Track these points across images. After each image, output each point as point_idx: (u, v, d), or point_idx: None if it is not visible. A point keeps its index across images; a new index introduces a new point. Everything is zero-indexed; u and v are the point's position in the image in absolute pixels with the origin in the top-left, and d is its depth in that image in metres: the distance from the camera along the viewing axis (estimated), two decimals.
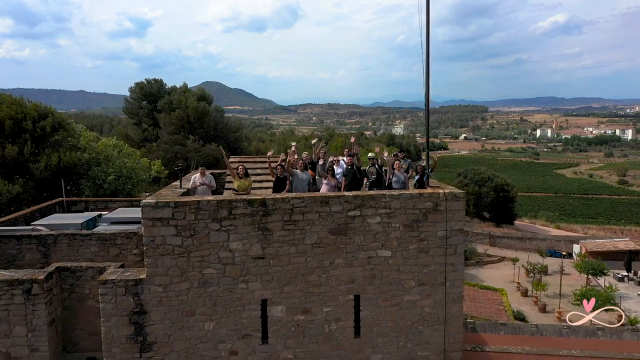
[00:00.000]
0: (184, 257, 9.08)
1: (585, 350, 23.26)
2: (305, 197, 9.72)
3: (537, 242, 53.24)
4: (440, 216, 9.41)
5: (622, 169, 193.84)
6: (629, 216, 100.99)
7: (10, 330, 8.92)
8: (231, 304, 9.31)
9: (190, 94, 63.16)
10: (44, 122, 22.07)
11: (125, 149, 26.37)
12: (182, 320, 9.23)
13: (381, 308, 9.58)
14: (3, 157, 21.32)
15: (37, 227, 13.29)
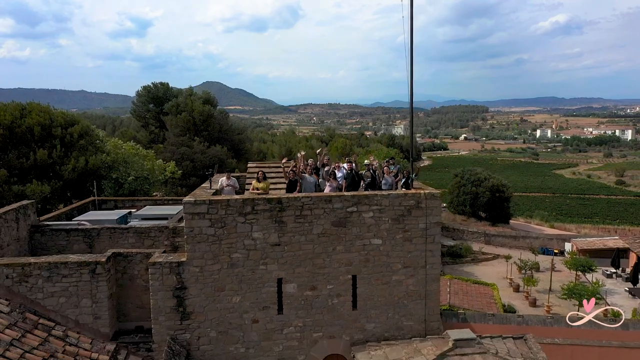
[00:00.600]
0: (216, 244, 11.39)
1: (567, 339, 25.48)
2: (313, 196, 12.01)
3: (530, 240, 55.44)
4: (421, 212, 11.73)
5: (620, 170, 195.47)
6: (624, 216, 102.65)
7: (78, 302, 11.20)
8: (253, 282, 11.65)
9: (196, 97, 65.42)
10: (71, 128, 24.37)
11: (140, 151, 28.70)
12: (214, 294, 11.55)
13: (373, 286, 11.92)
14: (34, 161, 23.61)
15: (82, 222, 15.53)
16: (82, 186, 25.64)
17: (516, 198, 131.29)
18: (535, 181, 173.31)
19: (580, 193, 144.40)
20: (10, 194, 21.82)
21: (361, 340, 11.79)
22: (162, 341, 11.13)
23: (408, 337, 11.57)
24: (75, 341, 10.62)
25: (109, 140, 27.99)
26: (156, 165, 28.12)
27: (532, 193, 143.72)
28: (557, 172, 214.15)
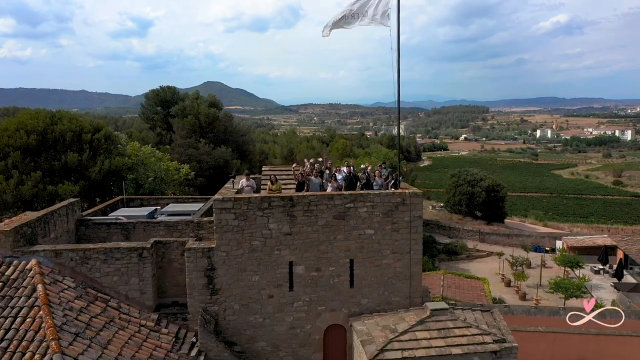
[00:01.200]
0: (239, 233, 13.93)
1: (549, 327, 28.07)
2: (318, 195, 14.58)
3: (523, 238, 57.92)
4: (406, 207, 14.26)
5: (617, 170, 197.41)
6: (619, 215, 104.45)
7: (128, 280, 13.74)
8: (269, 264, 14.19)
9: (202, 100, 68.00)
10: (98, 134, 26.94)
11: (158, 154, 31.26)
12: (237, 274, 14.10)
13: (367, 268, 14.47)
14: (65, 163, 26.20)
15: (119, 217, 18.07)
16: (106, 186, 28.20)
17: (513, 198, 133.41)
18: (534, 181, 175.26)
19: (577, 193, 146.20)
20: (45, 193, 24.39)
21: (357, 312, 14.37)
22: (196, 312, 13.71)
23: (395, 310, 14.17)
24: (127, 311, 13.16)
25: (129, 143, 30.55)
26: (171, 166, 30.73)
27: (529, 193, 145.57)
28: (556, 173, 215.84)
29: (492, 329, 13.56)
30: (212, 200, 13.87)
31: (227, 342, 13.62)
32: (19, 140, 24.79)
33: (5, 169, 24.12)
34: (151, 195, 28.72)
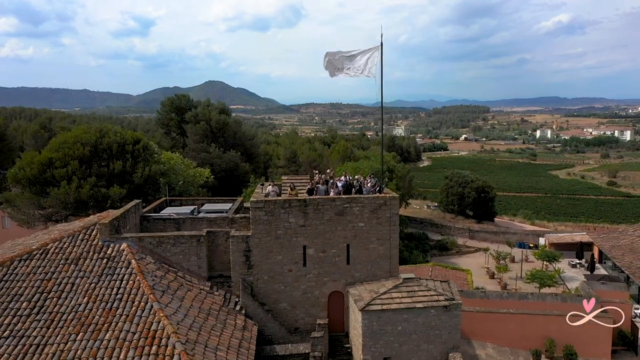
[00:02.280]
0: (268, 225, 19.38)
1: (519, 309, 33.39)
2: (323, 198, 20.01)
3: (509, 235, 63.20)
4: (387, 207, 19.67)
5: (612, 171, 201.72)
6: (609, 215, 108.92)
7: (189, 258, 19.23)
8: (289, 247, 19.62)
9: (213, 107, 73.49)
10: (138, 145, 32.42)
11: (186, 161, 36.67)
12: (266, 254, 19.57)
13: (359, 250, 19.89)
14: (112, 170, 31.72)
15: (170, 214, 23.52)
16: (145, 189, 33.67)
17: (508, 198, 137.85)
18: (530, 182, 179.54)
19: (571, 193, 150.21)
20: (99, 195, 29.89)
21: (351, 282, 19.81)
22: (237, 281, 19.14)
23: (379, 280, 19.61)
24: (189, 279, 18.61)
25: (162, 152, 35.96)
26: (196, 172, 36.18)
27: (524, 193, 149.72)
28: (553, 173, 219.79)
29: (446, 292, 18.91)
30: (239, 201, 19.38)
31: (259, 302, 19.08)
32: (76, 151, 30.25)
33: (66, 175, 29.58)
34: (180, 196, 34.17)
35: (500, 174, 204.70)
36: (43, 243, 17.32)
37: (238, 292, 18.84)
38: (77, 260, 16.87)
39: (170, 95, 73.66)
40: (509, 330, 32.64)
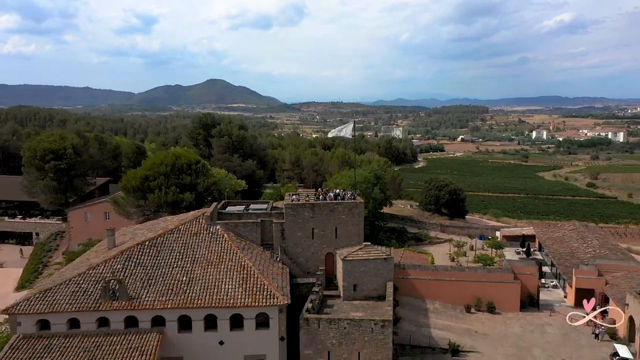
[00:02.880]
0: (293, 217, 34.81)
1: (459, 277, 49.44)
2: (322, 202, 36.01)
3: (473, 230, 79.24)
4: (357, 208, 35.39)
5: (594, 173, 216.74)
6: (576, 214, 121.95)
7: (251, 234, 35.21)
8: (304, 228, 35.00)
9: (234, 124, 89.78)
10: (199, 164, 48.66)
11: (230, 175, 52.94)
12: (292, 232, 35.10)
13: (342, 231, 35.52)
14: (184, 182, 48.10)
15: (234, 211, 39.74)
16: (204, 195, 49.94)
17: (490, 197, 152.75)
18: (515, 183, 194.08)
19: (550, 194, 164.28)
20: (178, 198, 46.15)
21: (338, 248, 36.00)
22: (277, 246, 35.01)
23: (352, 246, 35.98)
24: (252, 245, 34.85)
25: (212, 168, 52.23)
26: (236, 182, 52.42)
27: (507, 194, 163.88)
28: (540, 174, 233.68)
29: (387, 253, 35.11)
30: (271, 203, 35.80)
31: (289, 257, 35.21)
32: (161, 169, 46.55)
33: (157, 186, 45.92)
34: (229, 199, 50.42)
35: (490, 175, 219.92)
36: (177, 225, 33.51)
37: (277, 252, 34.98)
38: (197, 234, 33.06)
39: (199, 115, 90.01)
40: (450, 292, 49.03)
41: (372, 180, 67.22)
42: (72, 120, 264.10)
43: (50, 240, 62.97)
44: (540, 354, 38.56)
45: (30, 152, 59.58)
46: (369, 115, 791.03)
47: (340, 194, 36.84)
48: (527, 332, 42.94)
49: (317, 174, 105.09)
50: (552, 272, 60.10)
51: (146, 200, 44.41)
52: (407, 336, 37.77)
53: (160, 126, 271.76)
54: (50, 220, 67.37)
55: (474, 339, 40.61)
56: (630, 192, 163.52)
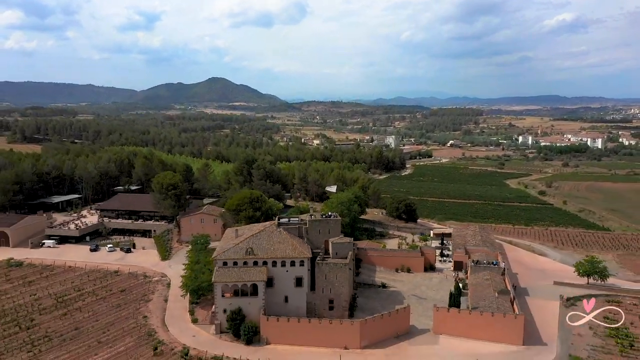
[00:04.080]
0: (311, 225, 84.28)
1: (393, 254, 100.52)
2: (322, 219, 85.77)
3: (418, 229, 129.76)
4: (336, 221, 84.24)
5: (549, 181, 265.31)
6: (512, 218, 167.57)
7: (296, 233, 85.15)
8: (314, 230, 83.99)
9: (267, 159, 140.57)
10: (262, 197, 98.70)
11: (271, 200, 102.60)
12: (310, 231, 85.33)
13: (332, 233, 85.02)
14: (254, 206, 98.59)
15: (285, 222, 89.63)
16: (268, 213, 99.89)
17: (448, 204, 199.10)
18: (481, 190, 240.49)
19: (502, 201, 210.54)
20: (254, 215, 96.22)
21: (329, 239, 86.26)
22: (304, 237, 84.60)
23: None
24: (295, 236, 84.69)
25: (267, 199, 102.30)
26: (276, 204, 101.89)
27: (468, 200, 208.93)
28: (507, 182, 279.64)
29: (350, 240, 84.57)
30: (301, 217, 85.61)
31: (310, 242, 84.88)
32: (246, 199, 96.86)
33: (245, 209, 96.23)
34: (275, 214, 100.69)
35: (463, 183, 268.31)
36: (263, 227, 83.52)
37: (305, 239, 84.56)
38: (273, 231, 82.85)
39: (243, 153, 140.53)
40: (388, 262, 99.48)
41: (353, 199, 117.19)
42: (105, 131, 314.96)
43: (164, 235, 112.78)
44: (424, 288, 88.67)
45: (158, 184, 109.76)
46: (368, 116, 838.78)
47: (330, 214, 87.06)
48: (422, 280, 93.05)
49: (319, 186, 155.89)
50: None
51: (238, 215, 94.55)
52: (362, 280, 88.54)
53: (182, 137, 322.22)
54: (160, 222, 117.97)
55: (396, 282, 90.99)
56: (565, 200, 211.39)
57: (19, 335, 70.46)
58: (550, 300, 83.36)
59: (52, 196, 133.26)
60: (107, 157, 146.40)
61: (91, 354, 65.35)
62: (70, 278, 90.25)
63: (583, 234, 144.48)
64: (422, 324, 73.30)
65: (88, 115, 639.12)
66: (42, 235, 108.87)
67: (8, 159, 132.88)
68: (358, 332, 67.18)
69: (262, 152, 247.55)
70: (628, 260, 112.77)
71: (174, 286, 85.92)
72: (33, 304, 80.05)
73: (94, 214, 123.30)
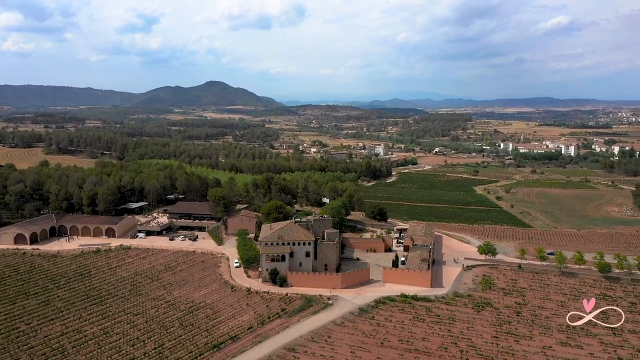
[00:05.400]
0: (315, 222, 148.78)
1: (365, 241, 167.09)
2: (322, 219, 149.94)
3: (386, 226, 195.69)
4: (329, 220, 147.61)
5: (507, 188, 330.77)
6: (463, 219, 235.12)
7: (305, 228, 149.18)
8: (319, 225, 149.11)
9: (283, 175, 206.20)
10: (284, 206, 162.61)
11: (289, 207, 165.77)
12: (315, 227, 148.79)
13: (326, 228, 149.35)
14: (280, 210, 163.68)
15: (299, 220, 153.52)
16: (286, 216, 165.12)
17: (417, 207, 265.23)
18: (450, 195, 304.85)
19: (463, 205, 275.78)
20: (280, 217, 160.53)
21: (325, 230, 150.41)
22: (310, 229, 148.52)
23: None
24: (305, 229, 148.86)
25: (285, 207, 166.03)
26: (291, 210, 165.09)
27: (437, 204, 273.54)
28: (475, 188, 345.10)
29: (337, 232, 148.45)
30: (312, 216, 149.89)
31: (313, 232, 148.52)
32: (273, 208, 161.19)
33: (272, 212, 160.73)
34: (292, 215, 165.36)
35: (435, 189, 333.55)
36: (288, 224, 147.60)
37: (311, 231, 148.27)
38: (292, 226, 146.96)
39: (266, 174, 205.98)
40: (362, 246, 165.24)
41: (341, 205, 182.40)
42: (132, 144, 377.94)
43: (215, 229, 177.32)
44: (382, 261, 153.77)
45: (212, 196, 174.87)
46: (363, 120, 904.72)
47: (324, 217, 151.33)
48: (382, 256, 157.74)
49: (317, 194, 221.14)
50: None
51: (268, 216, 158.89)
52: (345, 256, 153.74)
53: (199, 149, 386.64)
54: (210, 222, 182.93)
55: (365, 257, 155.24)
56: (513, 204, 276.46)
57: (153, 284, 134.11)
58: (457, 267, 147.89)
59: (129, 203, 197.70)
60: (163, 174, 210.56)
61: (199, 290, 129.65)
62: (164, 255, 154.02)
63: (507, 229, 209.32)
64: (377, 278, 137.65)
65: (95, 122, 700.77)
66: (134, 230, 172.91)
67: (99, 177, 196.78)
68: (340, 280, 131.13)
69: (268, 164, 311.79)
70: (524, 246, 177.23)
71: (231, 259, 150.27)
72: (151, 269, 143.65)
73: (162, 216, 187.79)
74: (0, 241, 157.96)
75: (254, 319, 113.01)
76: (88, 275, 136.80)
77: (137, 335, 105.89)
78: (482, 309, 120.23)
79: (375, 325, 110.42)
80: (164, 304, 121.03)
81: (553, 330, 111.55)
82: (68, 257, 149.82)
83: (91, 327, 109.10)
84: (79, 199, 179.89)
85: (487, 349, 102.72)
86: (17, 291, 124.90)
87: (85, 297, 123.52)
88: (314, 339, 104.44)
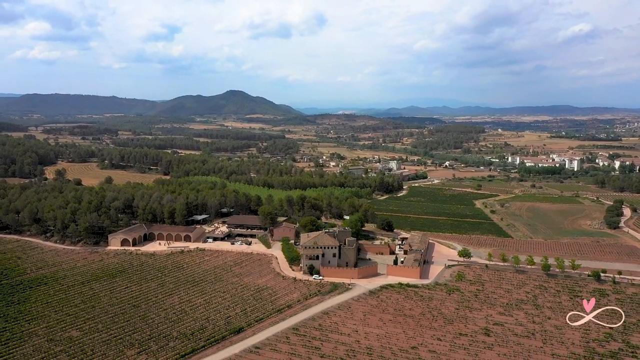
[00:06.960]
0: (339, 233, 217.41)
1: (376, 246, 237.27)
2: (343, 230, 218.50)
3: (392, 235, 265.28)
4: (349, 232, 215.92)
5: (503, 202, 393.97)
6: (455, 228, 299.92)
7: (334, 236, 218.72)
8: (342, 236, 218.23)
9: (310, 197, 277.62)
10: (317, 220, 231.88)
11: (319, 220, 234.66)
12: (340, 236, 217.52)
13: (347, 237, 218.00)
14: (313, 223, 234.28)
15: (328, 231, 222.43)
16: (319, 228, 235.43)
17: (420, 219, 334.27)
18: (451, 208, 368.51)
19: (460, 217, 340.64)
20: (314, 229, 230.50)
21: (347, 238, 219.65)
22: (336, 237, 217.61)
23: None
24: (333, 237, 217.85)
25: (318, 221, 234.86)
26: (321, 223, 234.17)
27: (437, 217, 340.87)
28: (475, 202, 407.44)
29: (355, 239, 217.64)
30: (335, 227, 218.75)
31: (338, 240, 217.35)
32: (308, 223, 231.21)
33: (308, 225, 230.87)
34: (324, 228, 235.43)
35: (439, 202, 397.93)
36: (321, 233, 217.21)
37: (336, 239, 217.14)
38: (323, 235, 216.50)
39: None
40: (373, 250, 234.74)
41: (357, 220, 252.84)
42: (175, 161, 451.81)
43: (263, 236, 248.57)
44: (387, 260, 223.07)
45: (262, 212, 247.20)
46: (379, 131, 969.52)
47: (345, 228, 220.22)
48: (387, 257, 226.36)
49: (339, 209, 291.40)
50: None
51: (305, 228, 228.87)
52: (360, 257, 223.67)
53: (234, 165, 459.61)
54: (259, 231, 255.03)
55: (375, 258, 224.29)
56: (502, 217, 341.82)
57: (228, 274, 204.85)
58: (441, 266, 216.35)
59: (195, 215, 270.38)
60: (220, 192, 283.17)
61: (261, 278, 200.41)
62: (230, 255, 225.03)
63: (489, 239, 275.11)
64: (383, 272, 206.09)
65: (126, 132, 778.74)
66: (204, 236, 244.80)
67: (173, 196, 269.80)
68: (357, 273, 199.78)
69: (295, 180, 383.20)
70: (496, 251, 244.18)
71: (279, 258, 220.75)
72: (224, 265, 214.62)
73: (222, 225, 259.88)
74: (111, 244, 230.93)
75: (300, 296, 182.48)
76: (181, 268, 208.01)
77: (227, 304, 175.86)
78: (452, 292, 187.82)
79: (379, 301, 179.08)
80: (240, 287, 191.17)
81: (497, 306, 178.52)
82: (162, 256, 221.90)
83: (197, 298, 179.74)
84: (161, 212, 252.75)
85: (450, 315, 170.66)
86: (138, 277, 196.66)
87: (185, 281, 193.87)
88: (340, 307, 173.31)
